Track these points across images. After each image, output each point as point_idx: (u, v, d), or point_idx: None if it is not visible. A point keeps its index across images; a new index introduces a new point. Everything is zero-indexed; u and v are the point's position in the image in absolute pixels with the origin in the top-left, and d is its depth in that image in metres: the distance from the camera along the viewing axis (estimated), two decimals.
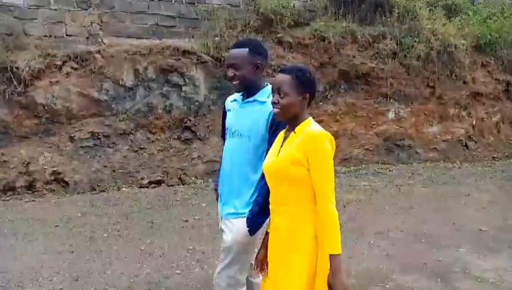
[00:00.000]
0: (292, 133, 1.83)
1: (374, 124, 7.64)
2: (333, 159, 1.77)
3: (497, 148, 8.14)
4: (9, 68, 5.91)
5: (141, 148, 6.51)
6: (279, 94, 1.79)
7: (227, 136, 2.19)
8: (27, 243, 3.80)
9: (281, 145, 1.87)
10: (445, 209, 4.79)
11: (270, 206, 1.89)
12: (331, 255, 1.66)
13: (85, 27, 6.95)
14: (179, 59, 6.83)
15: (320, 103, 7.44)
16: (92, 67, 6.36)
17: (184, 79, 6.81)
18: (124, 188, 5.69)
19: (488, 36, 8.08)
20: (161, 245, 3.78)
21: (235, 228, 2.05)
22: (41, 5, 6.61)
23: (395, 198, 5.24)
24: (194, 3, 7.52)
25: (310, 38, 7.59)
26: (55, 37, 6.73)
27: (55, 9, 6.71)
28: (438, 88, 7.87)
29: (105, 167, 6.08)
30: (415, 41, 7.69)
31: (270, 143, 1.99)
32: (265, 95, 2.08)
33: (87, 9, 6.92)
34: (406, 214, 4.59)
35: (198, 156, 6.76)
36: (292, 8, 7.88)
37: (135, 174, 6.15)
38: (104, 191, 5.55)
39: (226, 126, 2.21)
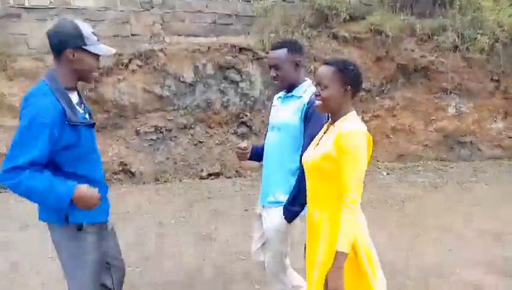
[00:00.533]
0: (331, 126, 1.83)
1: (433, 120, 7.41)
2: (370, 157, 1.75)
3: None
4: None
5: (200, 142, 6.80)
6: (321, 87, 1.78)
7: (268, 130, 2.33)
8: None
9: (320, 138, 1.87)
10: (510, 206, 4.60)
11: (307, 199, 1.90)
12: (337, 251, 1.63)
13: (148, 27, 7.34)
14: (236, 56, 7.04)
15: (377, 98, 7.35)
16: (155, 65, 6.73)
17: (241, 75, 7.01)
18: (185, 179, 5.98)
19: None
20: (224, 231, 3.98)
21: (272, 216, 2.18)
22: (109, 7, 7.08)
23: (457, 195, 5.10)
24: (249, 1, 7.69)
25: (366, 33, 7.51)
26: (121, 36, 7.18)
27: (122, 11, 7.15)
28: (503, 82, 7.48)
29: (168, 159, 6.41)
30: (478, 33, 7.36)
31: (307, 134, 2.09)
32: (302, 90, 2.20)
33: (150, 10, 7.31)
34: (470, 211, 4.45)
35: None
36: (347, 3, 7.82)
37: (195, 167, 6.43)
38: (166, 181, 5.87)
39: (269, 121, 2.35)
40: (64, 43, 1.75)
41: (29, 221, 4.32)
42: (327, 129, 1.86)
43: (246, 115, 7.04)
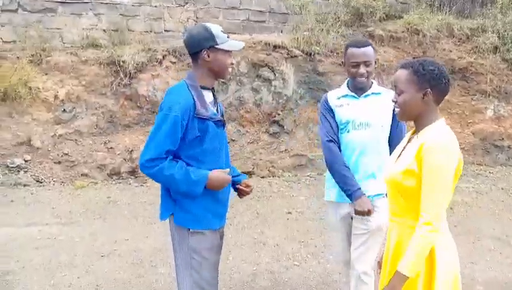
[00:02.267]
0: (415, 136, 1.64)
1: (470, 122, 7.21)
2: (457, 176, 1.58)
3: None
4: (116, 62, 6.35)
5: (232, 140, 6.69)
6: (397, 92, 1.63)
7: (347, 130, 2.29)
8: (148, 225, 4.09)
9: (403, 148, 1.71)
10: None
11: (388, 214, 1.80)
12: (397, 271, 1.51)
13: (182, 23, 7.26)
14: (270, 54, 6.91)
15: None
16: (189, 61, 6.59)
17: (274, 73, 6.88)
18: None
19: None
20: (272, 235, 3.88)
21: (382, 209, 2.17)
22: (143, 2, 7.01)
23: (504, 202, 4.93)
24: None
25: (402, 32, 7.33)
26: (154, 32, 7.11)
27: (155, 6, 7.08)
28: None
29: None
30: None
31: (394, 129, 2.27)
32: (375, 88, 2.31)
33: (184, 6, 7.23)
34: (498, 218, 4.31)
35: (285, 150, 6.82)
36: (384, 1, 7.65)
37: None
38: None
39: (343, 120, 2.30)
40: (199, 45, 1.88)
41: (74, 218, 4.30)
42: (409, 140, 1.69)
43: (279, 114, 6.92)
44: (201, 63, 1.91)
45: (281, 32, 7.58)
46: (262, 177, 6.25)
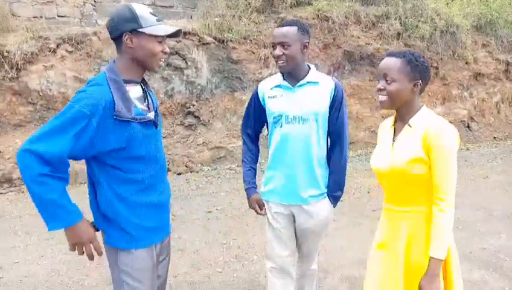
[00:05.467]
0: (406, 126, 1.63)
1: (378, 106, 7.52)
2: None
3: (498, 128, 8.19)
4: None
5: None
6: (386, 80, 1.59)
7: (280, 124, 2.06)
8: (43, 242, 3.51)
9: (393, 140, 1.66)
10: (469, 193, 4.71)
11: (386, 207, 1.73)
12: (432, 258, 1.51)
13: (78, 7, 6.51)
14: (180, 41, 6.48)
15: None
16: (89, 50, 5.96)
17: (186, 62, 6.48)
18: None
19: (489, 16, 8.02)
20: (192, 240, 3.55)
21: (321, 209, 2.09)
22: None
23: None
24: None
25: (313, 18, 7.35)
26: (45, 18, 6.27)
27: None
28: (442, 69, 7.81)
29: None
30: (419, 21, 7.56)
31: (334, 120, 2.04)
32: (314, 76, 2.05)
33: None
34: None
35: (203, 142, 6.50)
36: None
37: None
38: None
39: (275, 114, 2.06)
40: (119, 28, 1.55)
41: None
42: (397, 128, 1.68)
43: (193, 105, 6.56)
44: (124, 49, 1.56)
45: (191, 18, 7.16)
46: (179, 173, 5.87)
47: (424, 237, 1.58)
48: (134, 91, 1.60)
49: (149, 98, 1.67)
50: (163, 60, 1.64)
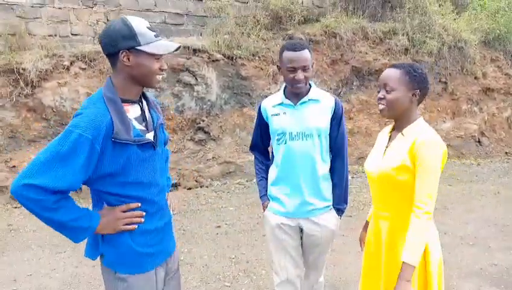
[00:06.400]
0: (400, 134, 1.71)
1: (387, 121, 7.52)
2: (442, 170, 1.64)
3: (509, 143, 8.12)
4: (15, 69, 5.63)
5: None
6: (386, 90, 1.68)
7: (284, 140, 2.13)
8: (55, 255, 3.56)
9: (386, 146, 1.76)
10: (480, 208, 4.67)
11: (373, 209, 1.84)
12: (403, 262, 1.57)
13: (91, 26, 6.68)
14: (190, 58, 6.61)
15: None
16: (101, 67, 6.10)
17: (196, 78, 6.59)
18: None
19: (497, 31, 8.04)
20: (201, 254, 3.57)
21: (328, 221, 2.14)
22: (45, 3, 6.32)
23: None
24: (201, 0, 7.31)
25: (321, 35, 7.46)
26: (60, 36, 6.45)
27: (59, 8, 6.43)
28: (450, 84, 7.82)
29: None
30: (427, 36, 7.61)
31: (335, 135, 2.13)
32: (315, 93, 2.14)
33: (92, 7, 6.65)
34: (442, 215, 4.44)
35: (213, 157, 6.56)
36: (301, 5, 7.73)
37: None
38: None
39: (278, 131, 2.14)
40: (115, 45, 1.45)
41: None
42: (392, 136, 1.77)
43: (203, 120, 6.64)
44: (121, 68, 1.47)
45: (200, 35, 7.30)
46: (189, 188, 5.92)
47: (400, 243, 1.65)
48: (133, 111, 1.53)
49: (148, 117, 1.58)
50: (161, 77, 1.55)
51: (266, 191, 2.26)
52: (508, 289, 2.95)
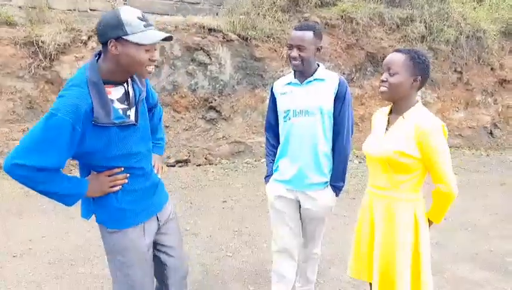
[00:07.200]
0: (400, 117, 1.78)
1: None
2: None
3: None
4: (34, 42, 5.78)
5: (166, 127, 6.42)
6: (389, 73, 1.74)
7: (289, 117, 2.24)
8: (69, 220, 3.75)
9: (387, 128, 1.81)
10: (483, 197, 4.71)
11: (369, 188, 1.90)
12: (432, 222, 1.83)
13: (109, 1, 6.77)
14: (205, 37, 6.67)
15: None
16: None
17: (210, 57, 6.66)
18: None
19: None
20: (206, 226, 3.73)
21: (324, 196, 2.24)
22: None
23: (428, 184, 5.16)
24: None
25: (337, 19, 7.41)
26: (79, 11, 6.57)
27: None
28: (466, 74, 7.73)
29: None
30: (444, 24, 7.51)
31: (346, 117, 2.19)
32: (322, 73, 2.23)
33: None
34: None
35: (223, 136, 6.68)
36: None
37: None
38: None
39: (284, 108, 2.26)
40: (105, 35, 1.52)
41: None
42: (391, 118, 1.83)
43: (215, 100, 6.73)
44: (110, 56, 1.54)
45: (217, 15, 7.34)
46: (199, 165, 6.07)
47: (396, 223, 1.76)
48: (115, 92, 1.60)
49: (131, 94, 1.65)
50: (152, 67, 1.60)
51: (272, 174, 2.35)
52: (500, 273, 3.03)
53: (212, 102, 6.72)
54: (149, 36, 1.53)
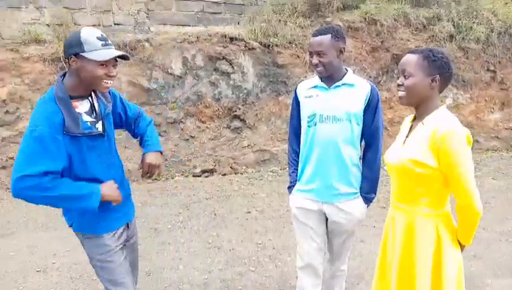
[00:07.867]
0: (420, 123, 1.63)
1: None
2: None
3: None
4: (62, 58, 5.92)
5: (192, 137, 6.43)
6: (404, 75, 1.62)
7: (314, 122, 2.12)
8: None
9: (407, 136, 1.69)
10: None
11: (391, 199, 1.79)
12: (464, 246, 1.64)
13: (132, 15, 6.89)
14: (227, 46, 6.66)
15: None
16: (141, 56, 6.30)
17: (232, 66, 6.64)
18: (177, 177, 5.61)
19: None
20: (228, 238, 3.65)
21: (354, 208, 2.11)
22: None
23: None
24: None
25: (360, 22, 7.25)
26: (103, 26, 6.70)
27: None
28: (499, 72, 7.37)
29: None
30: (474, 22, 7.20)
31: (370, 123, 2.07)
32: (351, 78, 2.11)
33: None
34: (483, 210, 4.23)
35: (248, 145, 6.62)
36: None
37: (187, 163, 6.08)
38: (157, 179, 5.50)
39: (309, 113, 2.14)
40: (67, 51, 1.71)
41: (12, 229, 3.90)
42: (413, 125, 1.70)
43: (239, 108, 6.70)
44: (71, 71, 1.72)
45: (238, 23, 7.33)
46: (224, 174, 6.02)
47: (415, 239, 1.60)
48: (82, 106, 1.76)
49: (97, 108, 1.80)
50: (109, 82, 1.74)
51: (295, 183, 2.25)
52: None
53: (236, 111, 6.68)
54: (103, 54, 1.69)
